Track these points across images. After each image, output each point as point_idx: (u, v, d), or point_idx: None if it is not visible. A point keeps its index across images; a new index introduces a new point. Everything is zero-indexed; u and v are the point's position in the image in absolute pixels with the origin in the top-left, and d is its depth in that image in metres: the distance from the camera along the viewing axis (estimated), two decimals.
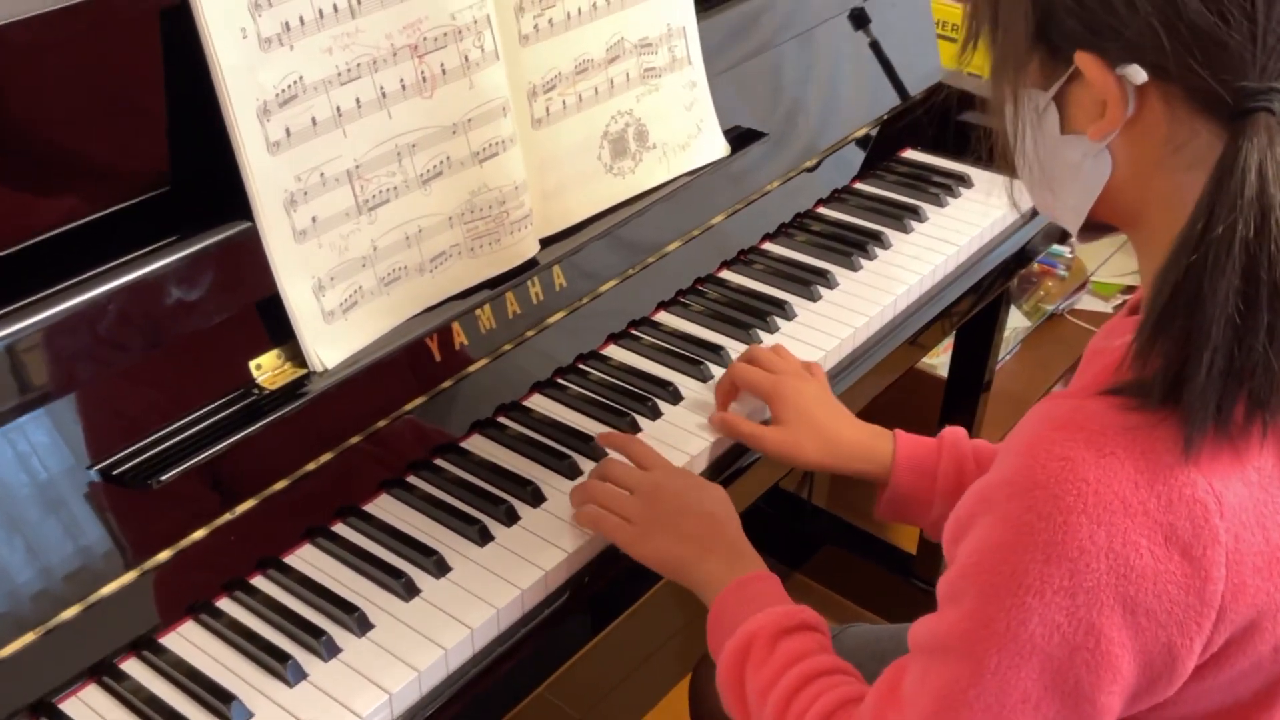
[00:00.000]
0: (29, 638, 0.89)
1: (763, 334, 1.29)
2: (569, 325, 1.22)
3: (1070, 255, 2.34)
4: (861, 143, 1.56)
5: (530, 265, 1.15)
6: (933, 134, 1.64)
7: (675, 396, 1.20)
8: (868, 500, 1.15)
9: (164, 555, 0.96)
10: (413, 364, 1.09)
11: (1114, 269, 2.49)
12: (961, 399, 1.81)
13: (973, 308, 1.47)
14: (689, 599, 1.01)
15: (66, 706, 0.90)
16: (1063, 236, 1.56)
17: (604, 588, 1.04)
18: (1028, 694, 0.71)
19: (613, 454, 1.10)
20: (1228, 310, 0.67)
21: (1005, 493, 0.72)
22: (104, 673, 0.92)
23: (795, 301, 1.34)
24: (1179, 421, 0.69)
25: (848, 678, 0.87)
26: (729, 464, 1.15)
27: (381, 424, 1.08)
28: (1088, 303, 2.45)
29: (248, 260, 0.96)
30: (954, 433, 1.12)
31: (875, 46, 1.57)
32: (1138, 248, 0.80)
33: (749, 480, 1.16)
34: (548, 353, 1.22)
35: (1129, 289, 2.49)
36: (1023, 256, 1.51)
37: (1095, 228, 0.82)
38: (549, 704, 1.84)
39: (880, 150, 1.59)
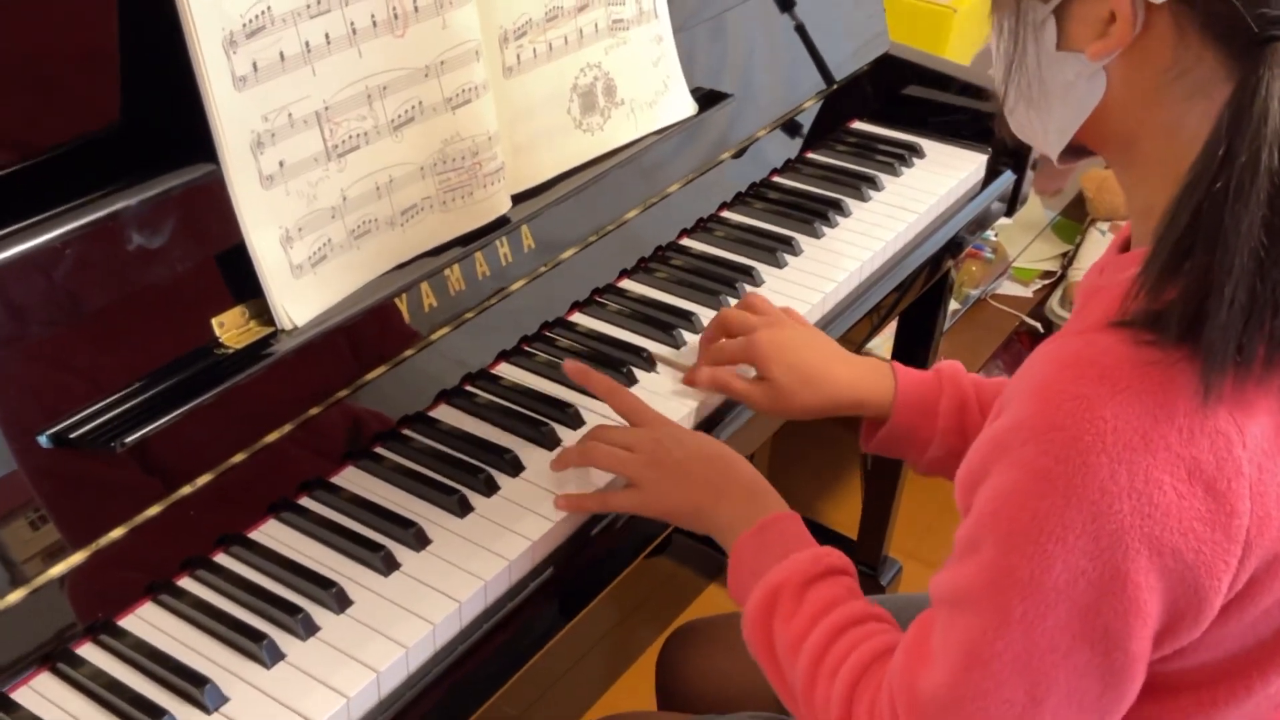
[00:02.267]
0: None
1: (731, 300, 1.25)
2: (535, 290, 1.16)
3: (995, 238, 2.36)
4: (810, 114, 1.53)
5: (501, 224, 1.09)
6: (878, 106, 1.62)
7: (650, 364, 1.15)
8: (806, 487, 1.12)
9: (117, 533, 0.87)
10: (381, 326, 1.02)
11: (1033, 255, 2.52)
12: None
13: (930, 277, 1.46)
14: (621, 594, 0.97)
15: (18, 696, 0.81)
16: (1012, 202, 1.55)
17: (596, 555, 0.99)
18: (1056, 643, 0.69)
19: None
20: (1251, 242, 0.65)
21: (1020, 437, 0.69)
22: (58, 659, 0.84)
23: (761, 268, 1.30)
24: (1198, 360, 0.66)
25: (880, 625, 0.83)
26: (715, 423, 1.12)
27: (345, 392, 1.01)
28: (1008, 288, 2.48)
29: (210, 206, 0.88)
30: (952, 367, 1.08)
31: (823, 16, 1.55)
32: (1125, 177, 0.78)
33: (738, 441, 1.11)
34: (514, 319, 1.16)
35: (1048, 274, 2.52)
36: (982, 222, 1.50)
37: (1075, 152, 0.79)
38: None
39: (829, 121, 1.57)
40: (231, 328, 0.92)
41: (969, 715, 0.71)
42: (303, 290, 0.93)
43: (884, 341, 1.78)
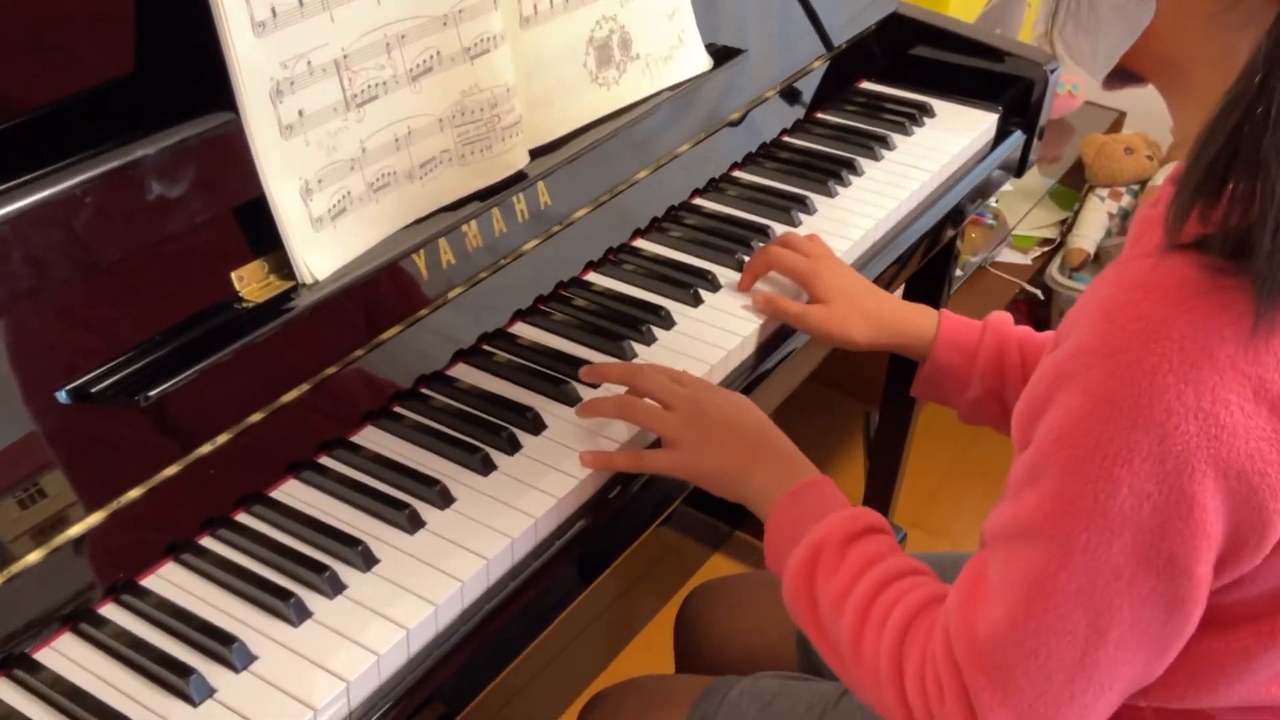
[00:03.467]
0: None
1: (747, 258, 1.23)
2: (550, 249, 1.14)
3: (996, 204, 2.35)
4: (818, 73, 1.51)
5: (518, 179, 1.07)
6: (885, 65, 1.60)
7: (667, 322, 1.13)
8: (808, 455, 1.12)
9: (136, 492, 0.85)
10: (399, 283, 1.00)
11: (1031, 222, 2.51)
12: None
13: (939, 238, 1.44)
14: (624, 564, 0.96)
15: (41, 656, 0.80)
16: (1022, 162, 1.54)
17: (620, 511, 0.97)
18: (1120, 570, 0.68)
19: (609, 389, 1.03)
20: None
21: (1084, 362, 0.68)
22: (80, 619, 0.82)
23: (776, 226, 1.28)
24: (1249, 286, 0.65)
25: (925, 578, 0.82)
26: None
27: (362, 350, 0.99)
28: (1007, 255, 2.47)
29: (230, 157, 0.86)
30: (1000, 316, 1.10)
31: None
32: (1175, 107, 0.77)
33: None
34: (529, 277, 1.14)
35: (1046, 241, 2.51)
36: (995, 181, 1.49)
37: (1124, 77, 0.78)
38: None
39: (837, 81, 1.55)
40: (251, 281, 0.90)
41: (1031, 650, 0.70)
42: (323, 243, 0.91)
43: None
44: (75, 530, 0.82)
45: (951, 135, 1.47)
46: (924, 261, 1.43)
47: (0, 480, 0.78)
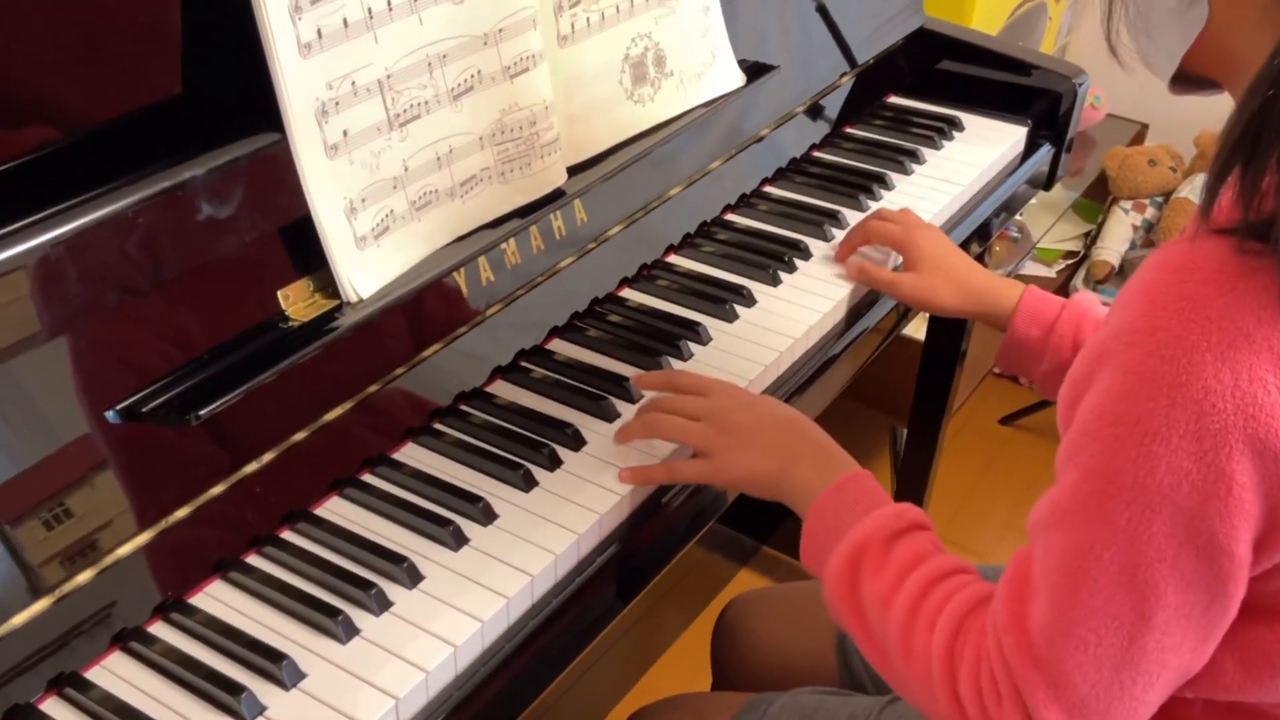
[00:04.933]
0: (41, 605, 0.78)
1: (782, 274, 1.23)
2: (585, 265, 1.15)
3: (1020, 217, 2.34)
4: (845, 88, 1.52)
5: (555, 196, 1.07)
6: (911, 80, 1.61)
7: (702, 338, 1.13)
8: None
9: (183, 511, 0.86)
10: (441, 301, 1.00)
11: (1055, 235, 2.51)
12: (938, 365, 1.77)
13: (969, 252, 1.44)
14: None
15: (92, 675, 0.80)
16: (1051, 174, 1.54)
17: (660, 525, 0.97)
18: (1163, 551, 0.68)
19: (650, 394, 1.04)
20: None
21: (1125, 341, 0.69)
22: (129, 637, 0.82)
23: (809, 241, 1.28)
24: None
25: (970, 577, 0.82)
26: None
27: (403, 368, 0.99)
28: (1031, 268, 2.47)
29: (276, 176, 0.87)
30: (1085, 295, 1.13)
31: None
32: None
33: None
34: (565, 294, 1.14)
35: (1070, 254, 2.51)
36: (1024, 194, 1.49)
37: (1191, 81, 0.79)
38: None
39: (865, 96, 1.55)
40: (297, 300, 0.90)
41: (1079, 639, 0.70)
42: (367, 262, 0.91)
43: (919, 323, 1.77)
44: (124, 550, 0.83)
45: (981, 149, 1.47)
46: None
47: (52, 501, 0.79)
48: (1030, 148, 1.53)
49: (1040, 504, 0.74)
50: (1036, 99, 1.53)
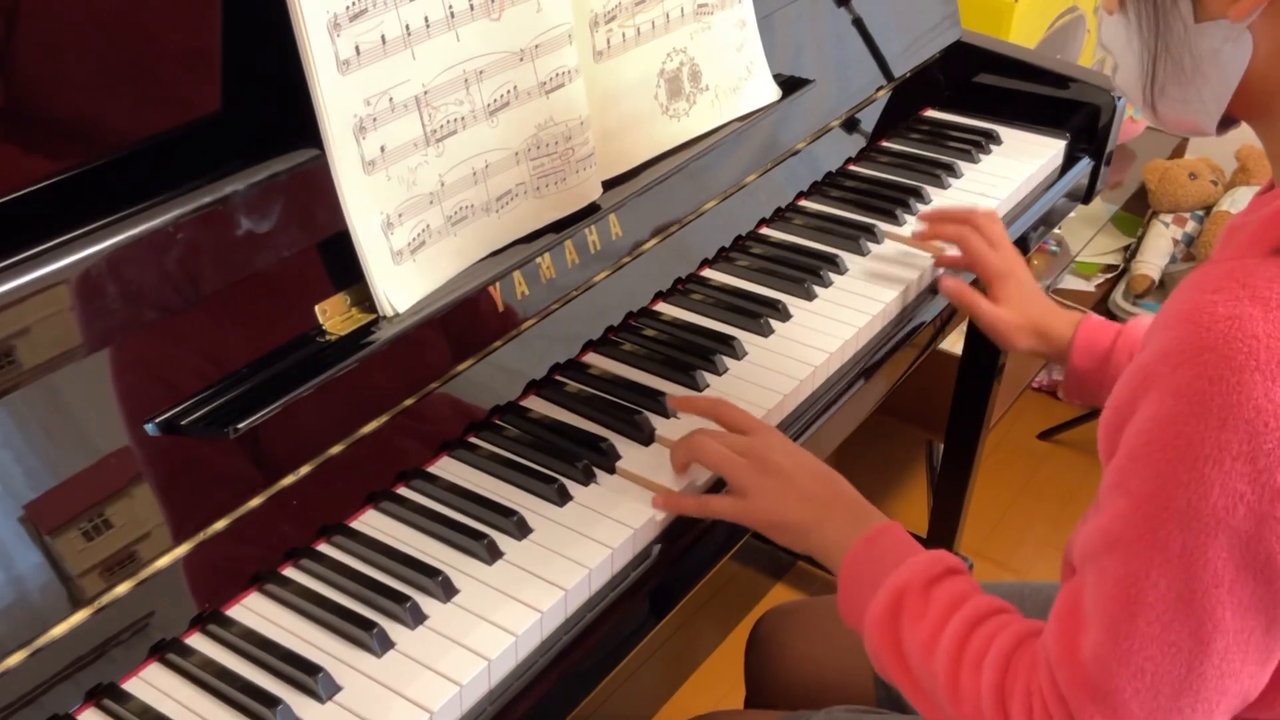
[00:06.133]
0: (80, 616, 0.79)
1: (818, 288, 1.23)
2: (620, 279, 1.15)
3: (1059, 230, 2.33)
4: (882, 101, 1.51)
5: (590, 210, 1.08)
6: (949, 94, 1.60)
7: (737, 352, 1.13)
8: (871, 485, 1.15)
9: (221, 524, 0.86)
10: (476, 315, 1.01)
11: (1094, 249, 2.49)
12: (975, 379, 1.76)
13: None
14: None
15: (130, 686, 0.81)
16: (1090, 188, 1.53)
17: (694, 541, 0.97)
18: (1219, 576, 0.67)
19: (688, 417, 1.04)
20: None
21: (1171, 364, 0.68)
22: (167, 649, 0.83)
23: (845, 256, 1.28)
24: None
25: (1012, 615, 0.81)
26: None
27: (438, 382, 1.00)
28: (1070, 282, 2.45)
29: (314, 192, 0.87)
30: (1139, 321, 1.12)
31: (894, 4, 1.53)
32: (1269, 138, 0.76)
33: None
34: (599, 308, 1.14)
35: (1109, 268, 2.49)
36: (1063, 208, 1.48)
37: (1225, 121, 0.78)
38: None
39: (901, 109, 1.55)
40: (334, 315, 0.91)
41: (1136, 667, 0.69)
42: (403, 276, 0.92)
43: (956, 338, 1.76)
44: (163, 561, 0.83)
45: (1019, 162, 1.47)
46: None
47: (91, 513, 0.79)
48: (1069, 161, 1.51)
49: (1088, 532, 0.73)
50: (1075, 112, 1.52)
